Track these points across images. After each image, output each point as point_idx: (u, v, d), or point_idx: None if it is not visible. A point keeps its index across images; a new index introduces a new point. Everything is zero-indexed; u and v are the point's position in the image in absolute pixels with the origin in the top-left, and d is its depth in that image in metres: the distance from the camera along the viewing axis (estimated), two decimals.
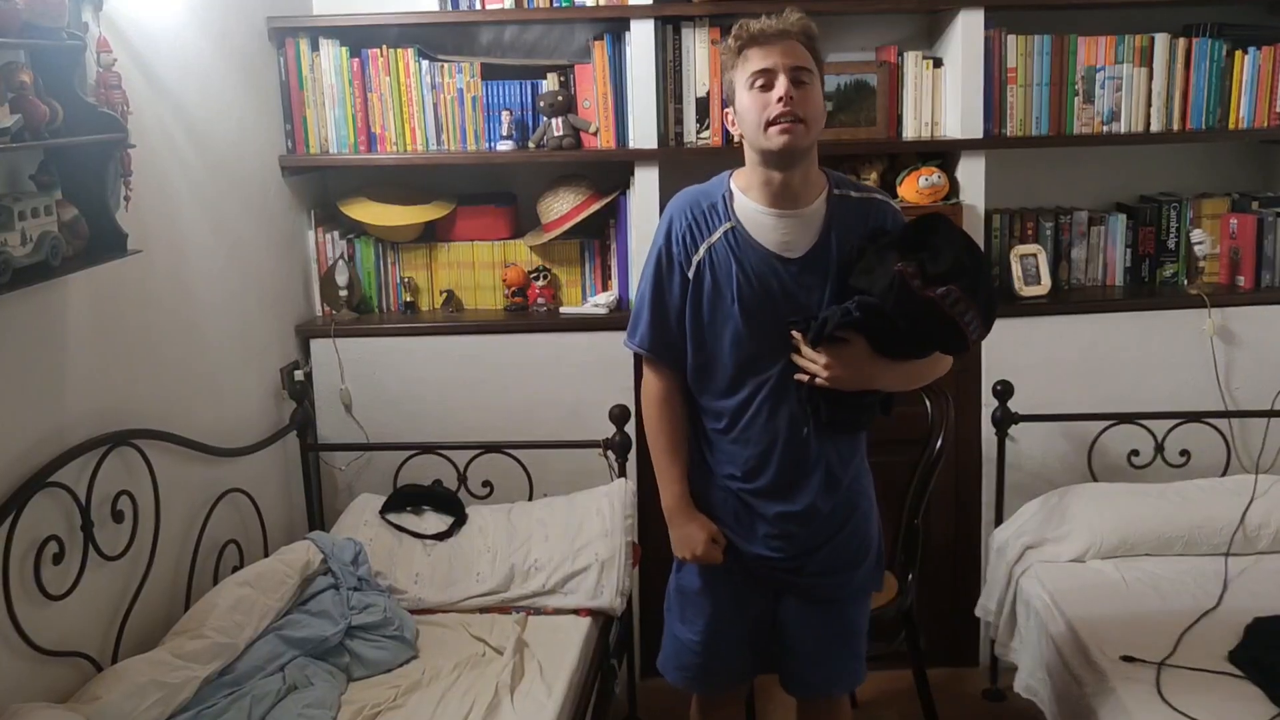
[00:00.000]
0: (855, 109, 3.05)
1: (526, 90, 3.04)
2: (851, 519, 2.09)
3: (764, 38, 1.90)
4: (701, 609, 2.12)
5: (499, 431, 3.01)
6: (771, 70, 1.88)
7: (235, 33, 2.74)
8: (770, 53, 1.89)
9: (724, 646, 2.14)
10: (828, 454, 2.02)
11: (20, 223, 1.81)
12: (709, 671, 2.16)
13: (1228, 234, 3.16)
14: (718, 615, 2.11)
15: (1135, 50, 3.03)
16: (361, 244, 3.16)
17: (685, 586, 2.15)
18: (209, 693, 2.06)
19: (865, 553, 2.12)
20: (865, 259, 1.92)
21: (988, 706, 3.05)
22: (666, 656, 2.21)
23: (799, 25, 1.92)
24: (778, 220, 1.95)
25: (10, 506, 1.88)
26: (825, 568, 2.08)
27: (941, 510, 3.07)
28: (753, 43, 1.91)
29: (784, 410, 1.99)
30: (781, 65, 1.88)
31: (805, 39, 1.92)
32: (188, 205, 2.48)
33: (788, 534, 2.04)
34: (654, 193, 2.98)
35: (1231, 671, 2.20)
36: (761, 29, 1.90)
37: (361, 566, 2.57)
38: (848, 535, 2.09)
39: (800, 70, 1.89)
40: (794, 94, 1.87)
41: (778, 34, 1.90)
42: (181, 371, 2.45)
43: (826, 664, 2.14)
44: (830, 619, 2.12)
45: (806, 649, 2.13)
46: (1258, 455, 3.00)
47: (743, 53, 1.92)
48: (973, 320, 1.87)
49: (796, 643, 2.13)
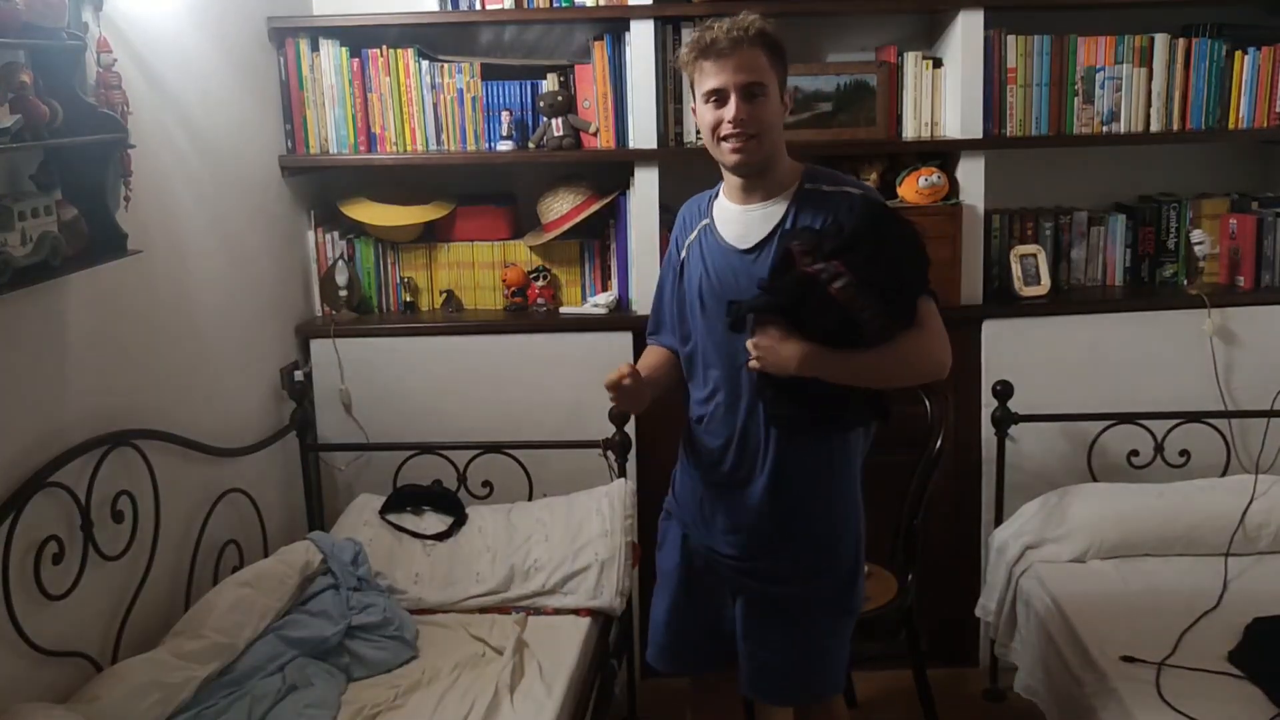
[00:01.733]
0: (855, 109, 3.05)
1: (526, 90, 3.04)
2: (812, 528, 2.01)
3: (716, 50, 1.89)
4: (667, 588, 2.18)
5: (499, 431, 3.01)
6: (723, 89, 1.89)
7: (235, 33, 2.74)
8: (723, 68, 1.89)
9: (686, 628, 2.17)
10: (783, 452, 1.97)
11: (20, 223, 1.81)
12: (674, 651, 2.20)
13: (1227, 234, 3.16)
14: (680, 597, 2.16)
15: (1135, 50, 3.03)
16: (361, 244, 3.16)
17: (660, 565, 2.21)
18: (209, 693, 2.06)
19: (831, 568, 2.03)
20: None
21: (988, 706, 3.05)
22: (649, 636, 2.25)
23: (754, 30, 1.89)
24: (741, 214, 2.00)
25: (10, 506, 1.88)
26: (780, 575, 2.03)
27: (941, 510, 3.07)
28: (706, 55, 1.90)
29: (742, 404, 1.99)
30: (733, 84, 1.88)
31: (763, 42, 1.90)
32: (188, 205, 2.48)
33: (738, 528, 2.04)
34: (654, 193, 2.98)
35: (1231, 671, 2.20)
36: (714, 40, 1.89)
37: (361, 567, 2.57)
38: (807, 545, 2.01)
39: (752, 85, 1.89)
40: (745, 113, 1.89)
41: (730, 46, 1.88)
42: (181, 372, 2.45)
43: (780, 674, 2.07)
44: (787, 630, 2.04)
45: (760, 656, 2.07)
46: (1257, 455, 3.00)
47: (697, 63, 1.92)
48: (867, 308, 1.78)
49: (748, 646, 2.08)
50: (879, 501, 2.43)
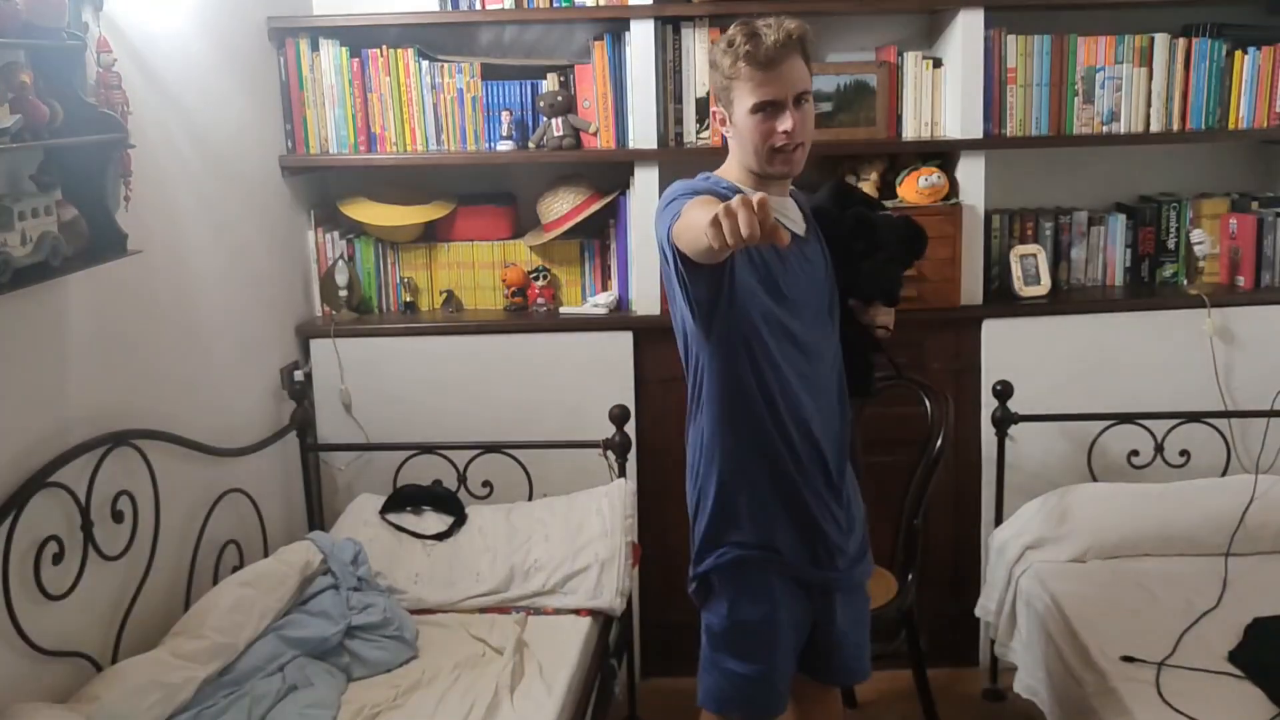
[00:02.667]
0: (855, 109, 3.05)
1: (526, 90, 3.04)
2: (860, 496, 2.15)
3: (767, 60, 1.81)
4: (765, 640, 2.00)
5: (499, 431, 3.01)
6: (779, 101, 1.83)
7: (235, 33, 2.74)
8: (773, 80, 1.82)
9: (786, 667, 2.05)
10: (845, 430, 2.09)
11: (20, 223, 1.81)
12: (777, 697, 2.06)
13: (1227, 234, 3.16)
14: (783, 639, 2.02)
15: (1135, 50, 3.03)
16: (361, 244, 3.16)
17: (742, 620, 2.00)
18: (209, 693, 2.06)
19: (867, 532, 2.16)
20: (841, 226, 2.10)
21: (988, 706, 3.05)
22: (724, 695, 2.04)
23: (798, 34, 1.84)
24: (781, 202, 1.95)
25: (10, 506, 1.88)
26: (861, 553, 2.11)
27: (941, 510, 3.07)
28: (753, 62, 1.82)
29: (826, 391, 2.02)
30: (790, 94, 1.83)
31: (803, 48, 1.87)
32: (188, 205, 2.48)
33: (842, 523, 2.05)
34: (654, 193, 2.98)
35: (1231, 671, 2.20)
36: (765, 49, 1.81)
37: (361, 566, 2.57)
38: (861, 515, 2.14)
39: (802, 95, 1.86)
40: (799, 123, 1.85)
41: (780, 53, 1.81)
42: (181, 372, 2.45)
43: (864, 648, 2.18)
44: (863, 605, 2.17)
45: (852, 638, 2.13)
46: (1258, 455, 3.00)
47: (746, 72, 1.83)
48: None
49: (846, 634, 2.11)
50: (879, 501, 2.44)
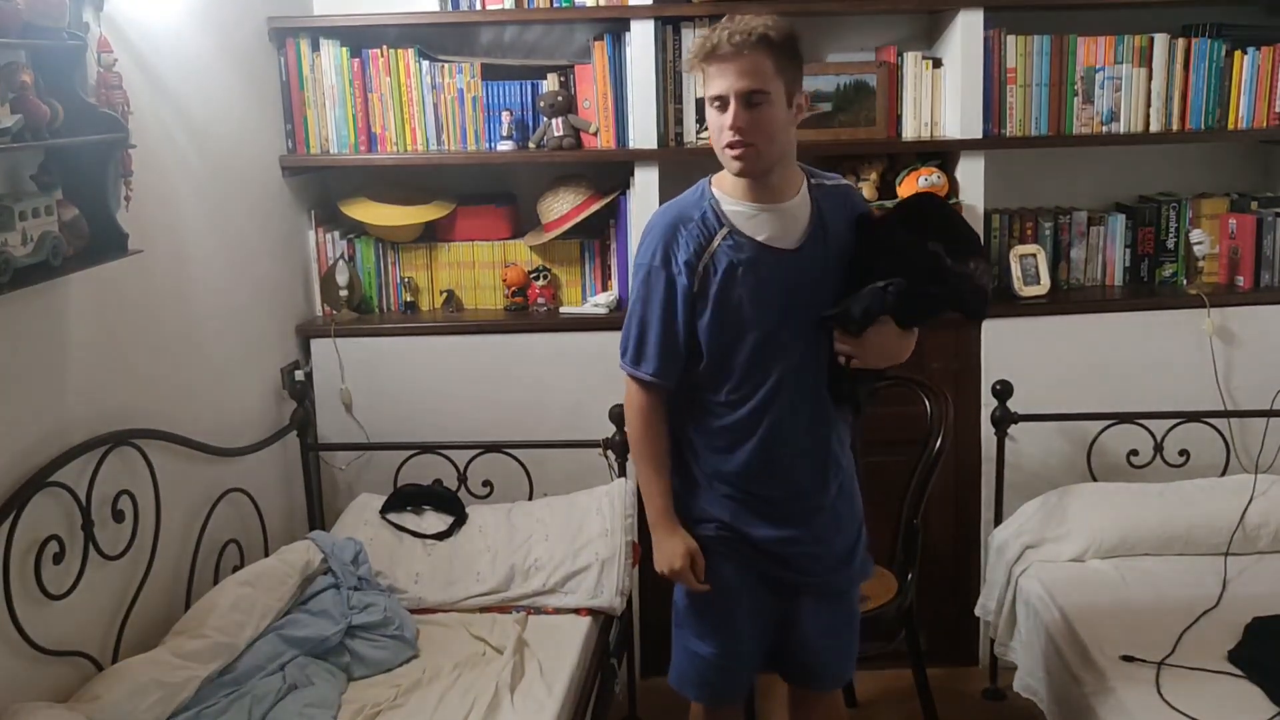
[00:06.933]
0: (855, 109, 3.05)
1: (526, 90, 3.04)
2: (853, 505, 2.12)
3: (719, 55, 1.84)
4: (722, 621, 2.08)
5: (499, 431, 3.01)
6: (724, 95, 1.86)
7: (236, 33, 2.75)
8: (724, 74, 1.85)
9: (744, 654, 2.12)
10: (832, 435, 2.06)
11: (21, 223, 1.82)
12: (733, 682, 2.14)
13: (1227, 234, 3.16)
14: (739, 625, 2.08)
15: (1135, 50, 3.03)
16: (361, 244, 3.16)
17: (702, 599, 2.07)
18: (209, 692, 2.06)
19: (859, 539, 2.14)
20: (877, 243, 1.99)
21: (988, 706, 3.05)
22: (684, 674, 2.14)
23: (757, 35, 1.83)
24: (768, 215, 1.96)
25: (11, 506, 1.88)
26: (840, 558, 2.10)
27: (941, 510, 3.07)
28: (708, 59, 1.86)
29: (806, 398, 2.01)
30: (733, 90, 1.84)
31: (768, 47, 1.84)
32: (188, 205, 2.48)
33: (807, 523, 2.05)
34: (654, 193, 2.98)
35: (1231, 671, 2.21)
36: (716, 44, 1.84)
37: (362, 566, 2.57)
38: (852, 522, 2.12)
39: (753, 93, 1.84)
40: (744, 121, 1.85)
41: (733, 51, 1.83)
42: (182, 371, 2.45)
43: (840, 654, 2.18)
44: (841, 609, 2.15)
45: (823, 643, 2.13)
46: (1257, 455, 3.00)
47: (701, 66, 1.88)
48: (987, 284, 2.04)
49: (812, 638, 2.12)
50: (879, 501, 2.44)
